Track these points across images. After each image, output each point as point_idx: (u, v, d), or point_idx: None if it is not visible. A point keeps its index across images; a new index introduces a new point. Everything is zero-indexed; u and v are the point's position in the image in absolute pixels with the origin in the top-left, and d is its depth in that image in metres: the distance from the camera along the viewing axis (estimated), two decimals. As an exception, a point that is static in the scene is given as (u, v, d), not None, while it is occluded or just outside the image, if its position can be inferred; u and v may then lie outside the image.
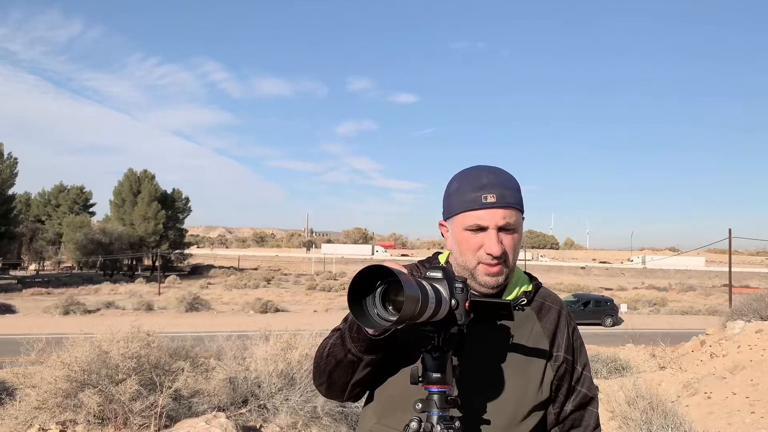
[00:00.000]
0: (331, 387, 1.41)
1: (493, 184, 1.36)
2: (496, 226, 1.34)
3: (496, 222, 1.34)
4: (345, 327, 1.34)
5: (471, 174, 1.40)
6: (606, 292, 45.45)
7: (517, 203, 1.38)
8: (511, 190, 1.37)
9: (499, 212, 1.34)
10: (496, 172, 1.40)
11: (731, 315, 13.97)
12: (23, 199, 71.22)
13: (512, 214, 1.36)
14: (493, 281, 1.37)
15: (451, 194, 1.41)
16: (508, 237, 1.36)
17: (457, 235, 1.39)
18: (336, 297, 42.95)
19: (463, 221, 1.36)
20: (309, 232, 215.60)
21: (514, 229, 1.37)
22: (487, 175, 1.38)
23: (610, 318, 29.18)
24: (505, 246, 1.35)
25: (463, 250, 1.38)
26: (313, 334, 7.02)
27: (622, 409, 6.52)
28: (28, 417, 5.61)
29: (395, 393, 1.39)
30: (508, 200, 1.35)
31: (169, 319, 25.97)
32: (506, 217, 1.35)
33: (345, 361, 1.33)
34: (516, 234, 1.38)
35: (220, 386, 6.36)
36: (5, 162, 56.09)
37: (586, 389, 1.47)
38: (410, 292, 1.01)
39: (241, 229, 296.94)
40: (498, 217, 1.34)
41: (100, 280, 54.36)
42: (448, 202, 1.42)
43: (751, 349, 9.58)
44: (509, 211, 1.35)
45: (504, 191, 1.36)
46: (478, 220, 1.34)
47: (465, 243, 1.37)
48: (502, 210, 1.34)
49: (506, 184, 1.38)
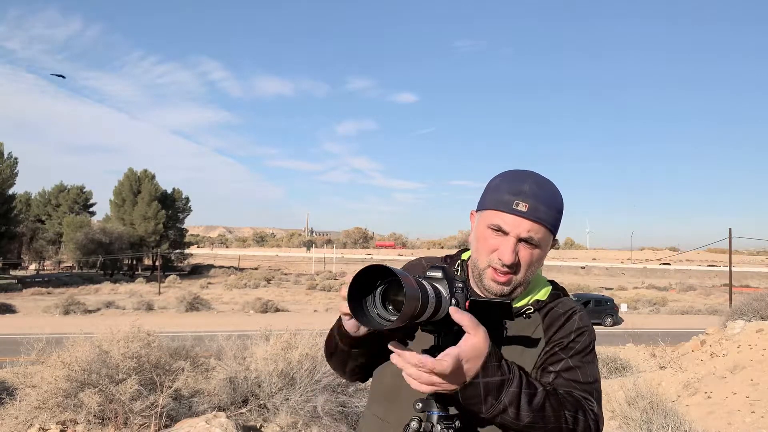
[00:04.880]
0: (334, 368, 1.49)
1: (531, 194, 1.30)
2: (517, 236, 1.29)
3: (519, 232, 1.29)
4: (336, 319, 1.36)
5: (515, 176, 1.35)
6: (606, 292, 45.47)
7: (548, 221, 1.32)
8: (547, 207, 1.31)
9: (525, 223, 1.29)
10: (540, 184, 1.34)
11: (731, 314, 13.97)
12: (23, 199, 71.16)
13: (539, 230, 1.30)
14: (497, 289, 1.33)
15: (489, 189, 1.38)
16: (527, 251, 1.31)
17: (479, 230, 1.36)
18: (336, 297, 42.81)
19: (489, 218, 1.33)
20: (309, 232, 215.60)
21: (537, 246, 1.32)
22: (530, 183, 1.32)
23: (611, 318, 29.19)
24: (520, 258, 1.31)
25: (478, 246, 1.36)
26: (313, 334, 7.01)
27: (622, 409, 6.52)
28: (29, 417, 5.61)
29: (385, 381, 1.41)
30: (539, 215, 1.30)
31: (169, 318, 25.98)
32: (531, 230, 1.29)
33: (337, 352, 1.40)
34: (537, 250, 1.32)
35: (221, 386, 6.36)
36: (5, 162, 56.09)
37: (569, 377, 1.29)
38: (410, 292, 1.01)
39: (241, 229, 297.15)
40: (522, 228, 1.29)
41: (101, 280, 54.35)
42: (484, 195, 1.39)
43: (752, 349, 9.58)
44: (537, 225, 1.30)
45: (539, 205, 1.30)
46: (502, 224, 1.30)
47: (483, 240, 1.34)
48: (530, 222, 1.29)
49: (545, 200, 1.31)
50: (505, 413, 1.13)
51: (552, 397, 1.18)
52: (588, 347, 1.36)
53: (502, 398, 1.12)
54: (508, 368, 1.14)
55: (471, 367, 1.10)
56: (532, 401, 1.13)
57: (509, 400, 1.12)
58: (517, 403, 1.13)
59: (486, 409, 1.12)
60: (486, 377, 1.11)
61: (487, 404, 1.12)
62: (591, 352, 1.36)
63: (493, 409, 1.12)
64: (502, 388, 1.12)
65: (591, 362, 1.35)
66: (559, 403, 1.19)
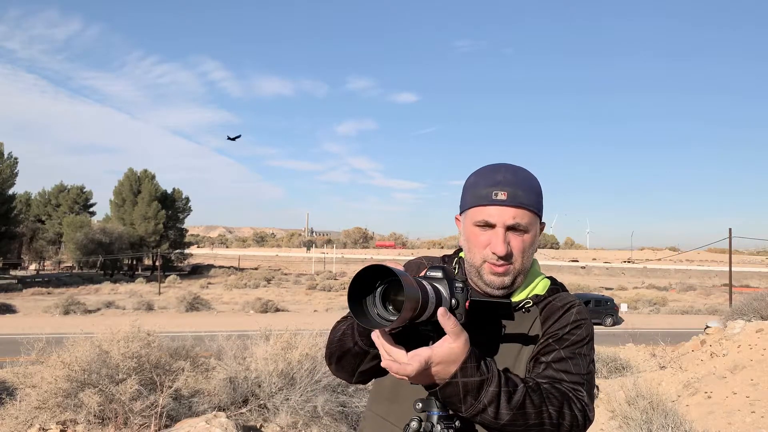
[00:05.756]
0: (339, 371, 1.43)
1: (507, 182, 1.32)
2: (504, 225, 1.30)
3: (505, 221, 1.30)
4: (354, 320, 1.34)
5: (488, 170, 1.37)
6: (606, 292, 45.45)
7: (531, 204, 1.33)
8: (525, 191, 1.33)
9: (509, 211, 1.30)
10: (513, 171, 1.35)
11: (731, 314, 13.97)
12: (23, 199, 71.14)
13: (524, 215, 1.31)
14: (499, 281, 1.34)
15: (466, 188, 1.39)
16: (518, 238, 1.32)
17: (467, 231, 1.37)
18: (336, 297, 42.95)
19: (474, 216, 1.34)
20: (309, 232, 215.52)
21: (526, 230, 1.33)
22: (503, 172, 1.34)
23: (611, 317, 29.18)
24: (512, 247, 1.31)
25: (470, 246, 1.36)
26: (313, 334, 7.02)
27: (623, 409, 6.52)
28: (29, 417, 5.61)
29: (386, 381, 1.41)
30: (520, 200, 1.31)
31: (169, 318, 25.98)
32: (516, 216, 1.30)
33: (353, 351, 1.34)
34: (527, 235, 1.33)
35: (221, 386, 6.36)
36: (5, 162, 56.10)
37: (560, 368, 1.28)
38: (410, 292, 1.01)
39: (241, 229, 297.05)
40: (507, 216, 1.30)
41: (101, 280, 54.39)
42: (463, 195, 1.40)
43: (752, 349, 9.58)
44: (521, 211, 1.31)
45: (517, 190, 1.31)
46: (487, 217, 1.31)
47: (473, 239, 1.35)
48: (513, 209, 1.30)
49: (522, 184, 1.33)
50: (484, 412, 1.13)
51: (533, 393, 1.17)
52: (583, 340, 1.34)
53: (482, 398, 1.12)
54: (487, 369, 1.13)
55: (441, 370, 1.10)
56: (512, 399, 1.13)
57: (488, 400, 1.12)
58: (497, 403, 1.12)
59: (465, 409, 1.12)
60: (465, 377, 1.11)
61: (466, 404, 1.12)
62: (586, 344, 1.34)
63: (472, 409, 1.12)
64: (482, 388, 1.12)
65: (585, 354, 1.32)
66: (542, 398, 1.18)
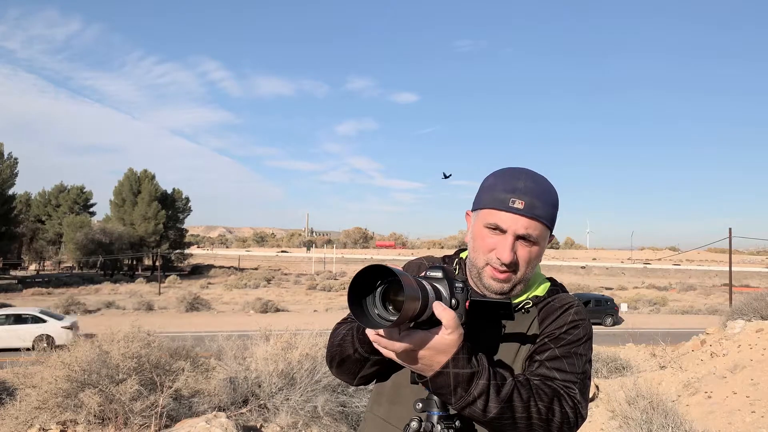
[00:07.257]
0: (341, 374, 1.44)
1: (526, 190, 1.30)
2: (515, 234, 1.29)
3: (516, 229, 1.29)
4: (354, 326, 1.34)
5: (509, 174, 1.35)
6: (606, 292, 45.45)
7: (545, 217, 1.32)
8: (543, 203, 1.31)
9: (523, 220, 1.29)
10: (535, 180, 1.33)
11: (731, 314, 13.97)
12: (23, 199, 71.16)
13: (537, 227, 1.30)
14: (498, 287, 1.33)
15: (484, 188, 1.37)
16: (526, 249, 1.31)
17: (476, 230, 1.36)
18: (336, 297, 42.93)
19: (486, 218, 1.33)
20: (309, 232, 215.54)
21: (535, 243, 1.32)
22: (524, 180, 1.32)
23: (611, 317, 29.18)
24: (518, 256, 1.31)
25: (476, 246, 1.35)
26: (313, 334, 7.02)
27: (623, 409, 6.52)
28: (29, 417, 5.61)
29: (388, 383, 1.41)
30: (536, 211, 1.29)
31: (169, 319, 25.99)
32: (529, 227, 1.29)
33: (353, 358, 1.34)
34: (536, 247, 1.32)
35: (221, 386, 6.36)
36: (5, 162, 56.09)
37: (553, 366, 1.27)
38: (410, 292, 1.01)
39: (241, 229, 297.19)
40: (520, 225, 1.29)
41: (101, 280, 54.35)
42: (479, 194, 1.39)
43: (752, 349, 9.58)
44: (534, 222, 1.30)
45: (535, 201, 1.30)
46: (500, 222, 1.30)
47: (480, 240, 1.34)
48: (527, 219, 1.29)
49: (540, 196, 1.31)
50: (474, 405, 1.13)
51: (522, 388, 1.17)
52: (580, 339, 1.32)
53: (472, 390, 1.12)
54: (478, 362, 1.14)
55: (428, 356, 1.10)
56: (500, 392, 1.14)
57: (478, 393, 1.12)
58: (486, 395, 1.13)
59: (455, 401, 1.13)
60: (456, 368, 1.11)
61: (456, 395, 1.13)
62: (583, 344, 1.33)
63: (462, 401, 1.13)
64: (472, 381, 1.12)
65: (581, 354, 1.31)
66: (530, 393, 1.17)
